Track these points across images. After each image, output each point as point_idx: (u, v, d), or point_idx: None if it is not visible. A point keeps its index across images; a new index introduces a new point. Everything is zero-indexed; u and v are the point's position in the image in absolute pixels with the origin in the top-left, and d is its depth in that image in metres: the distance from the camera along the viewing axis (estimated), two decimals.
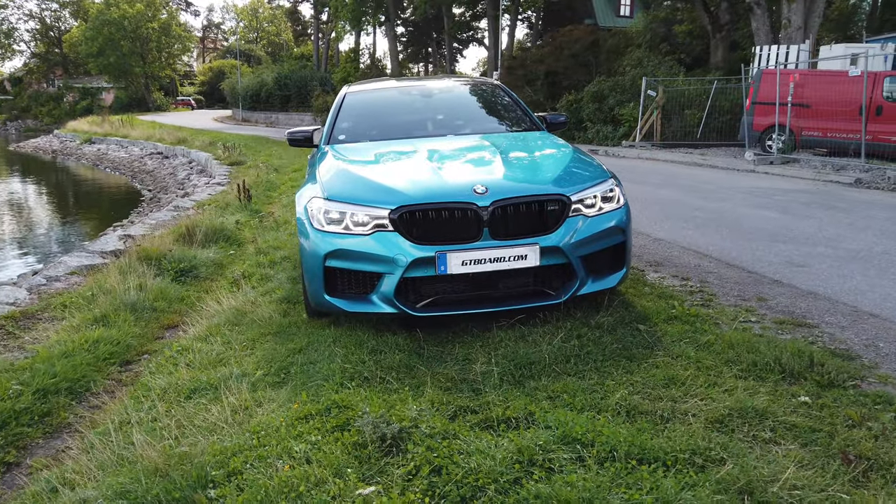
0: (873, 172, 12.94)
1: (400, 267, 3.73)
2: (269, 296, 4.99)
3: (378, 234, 3.78)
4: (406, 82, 6.42)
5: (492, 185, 3.84)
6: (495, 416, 2.74)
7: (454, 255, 3.70)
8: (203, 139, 27.22)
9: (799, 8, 22.03)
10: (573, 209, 3.89)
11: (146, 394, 3.39)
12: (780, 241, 6.34)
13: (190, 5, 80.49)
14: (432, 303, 3.86)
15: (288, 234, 7.41)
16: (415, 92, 6.02)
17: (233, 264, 6.32)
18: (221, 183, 13.32)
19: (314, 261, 3.94)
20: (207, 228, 7.11)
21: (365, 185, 4.06)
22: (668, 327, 3.83)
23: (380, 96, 6.00)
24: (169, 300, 5.08)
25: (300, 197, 4.30)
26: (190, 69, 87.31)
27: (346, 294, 3.95)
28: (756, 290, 4.70)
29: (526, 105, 5.79)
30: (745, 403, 2.75)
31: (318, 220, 3.95)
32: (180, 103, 71.67)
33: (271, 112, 47.13)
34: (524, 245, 3.75)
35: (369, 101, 5.85)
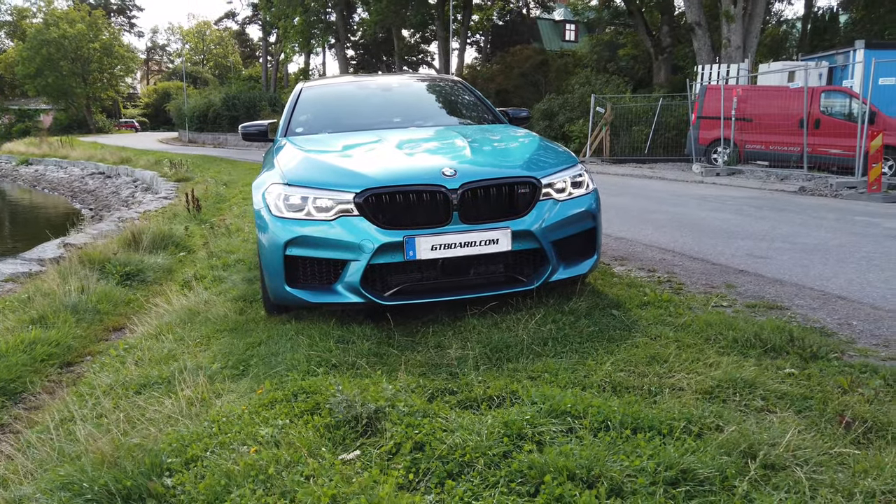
0: (816, 181, 13.36)
1: (366, 253, 3.54)
2: (224, 295, 4.72)
3: (342, 220, 3.59)
4: (364, 77, 6.26)
5: (461, 168, 3.70)
6: (476, 395, 2.57)
7: (423, 240, 3.54)
8: (148, 158, 26.46)
9: (738, 28, 22.86)
10: (543, 193, 3.79)
11: (90, 391, 3.10)
12: (738, 238, 6.39)
13: (134, 26, 78.88)
14: (401, 291, 3.68)
15: (241, 239, 7.12)
16: (374, 86, 5.87)
17: (183, 269, 6.00)
18: (168, 197, 12.85)
19: (274, 250, 3.71)
20: (155, 235, 6.76)
21: (328, 169, 3.87)
22: (642, 312, 3.73)
23: (338, 90, 5.82)
24: (114, 303, 4.75)
25: (257, 186, 4.08)
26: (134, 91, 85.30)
27: (309, 284, 3.74)
28: (723, 279, 4.67)
29: (488, 100, 5.71)
30: (733, 375, 2.65)
31: (278, 206, 3.74)
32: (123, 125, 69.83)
33: (219, 133, 46.27)
34: (495, 229, 3.62)
35: (327, 95, 5.67)
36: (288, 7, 40.03)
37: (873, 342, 3.26)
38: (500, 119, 5.35)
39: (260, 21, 56.24)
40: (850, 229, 6.93)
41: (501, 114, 5.44)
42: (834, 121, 15.80)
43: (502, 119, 5.36)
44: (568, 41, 47.87)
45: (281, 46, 50.22)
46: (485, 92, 28.58)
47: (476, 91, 5.83)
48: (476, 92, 5.81)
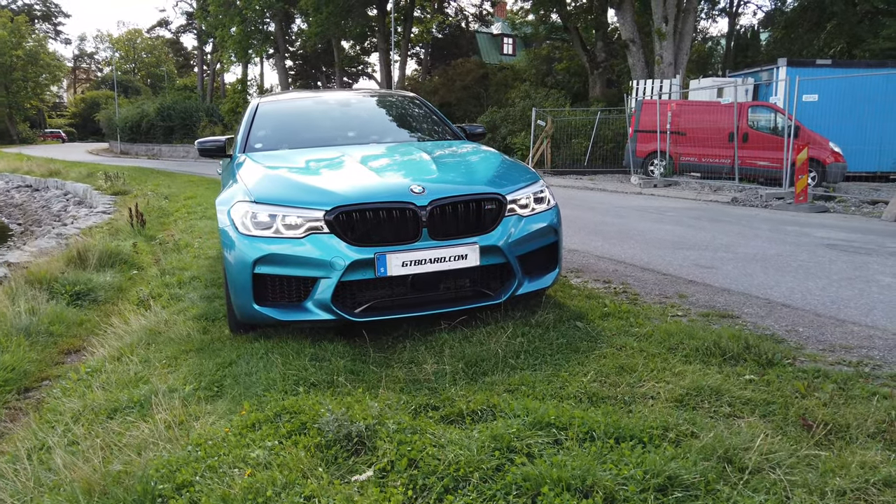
0: (747, 192, 14.03)
1: (337, 270, 3.56)
2: (184, 314, 4.63)
3: (312, 237, 3.61)
4: (320, 93, 6.26)
5: (428, 185, 3.77)
6: (458, 410, 2.64)
7: (394, 256, 3.59)
8: (79, 170, 25.52)
9: (669, 46, 23.77)
10: (508, 209, 3.89)
11: (57, 418, 3.01)
12: (683, 248, 6.66)
13: (60, 33, 75.80)
14: (372, 307, 3.71)
15: (192, 255, 6.98)
16: (332, 102, 5.88)
17: (135, 287, 5.85)
18: (107, 211, 12.44)
19: (241, 268, 3.69)
20: (101, 252, 6.56)
21: (296, 186, 3.87)
22: (604, 323, 3.87)
23: (295, 105, 5.81)
24: (66, 324, 4.60)
25: (222, 203, 4.05)
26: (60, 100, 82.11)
27: (278, 302, 3.73)
28: (675, 289, 4.88)
29: (444, 116, 5.80)
30: (699, 383, 2.80)
31: (245, 224, 3.72)
32: (49, 135, 67.10)
33: (153, 144, 44.99)
34: (464, 245, 3.70)
35: (284, 111, 5.65)
36: (225, 16, 39.38)
37: (820, 348, 3.48)
38: (458, 135, 5.45)
39: (195, 30, 55.10)
40: (784, 238, 7.33)
41: (458, 129, 5.55)
42: (761, 135, 16.63)
43: (460, 135, 5.46)
44: (506, 54, 48.73)
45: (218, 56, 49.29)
46: None
47: (432, 107, 5.92)
48: (432, 108, 5.90)
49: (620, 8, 24.73)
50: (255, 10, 39.15)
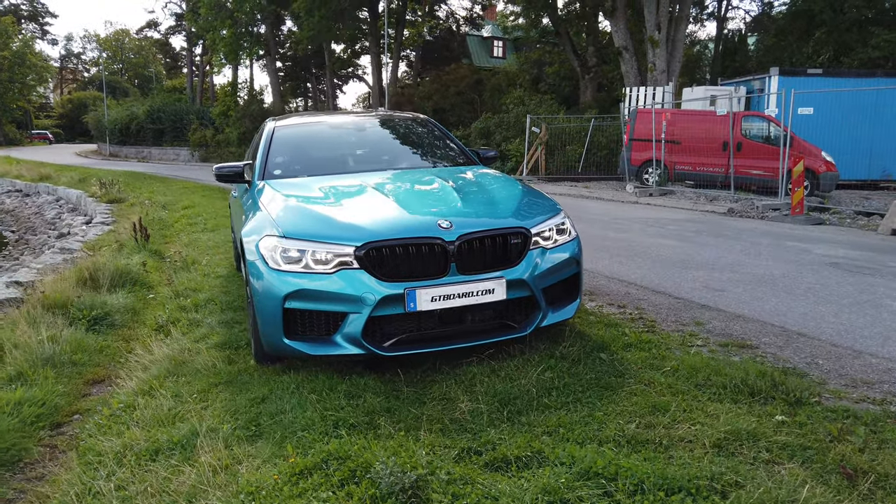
0: (742, 202, 14.19)
1: (368, 306, 3.61)
2: (205, 342, 4.65)
3: (342, 273, 3.65)
4: (336, 117, 6.30)
5: (455, 220, 3.82)
6: (502, 455, 2.69)
7: (424, 292, 3.64)
8: (70, 175, 25.33)
9: (662, 53, 23.97)
10: (533, 242, 3.95)
11: (98, 459, 3.03)
12: (690, 268, 6.75)
13: (46, 33, 75.11)
14: (400, 341, 3.76)
15: (202, 274, 6.99)
16: (347, 126, 5.92)
17: (149, 310, 5.85)
18: (106, 222, 12.38)
19: (271, 303, 3.73)
20: (113, 272, 6.55)
21: (324, 221, 3.91)
22: (628, 355, 3.94)
23: (311, 130, 5.85)
24: (88, 352, 4.60)
25: (248, 234, 4.08)
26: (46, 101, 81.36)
27: (308, 336, 3.77)
28: (690, 315, 4.96)
29: (457, 140, 5.86)
30: (735, 426, 2.87)
31: (275, 259, 3.76)
32: (36, 137, 66.55)
33: (143, 146, 44.76)
34: (491, 279, 3.76)
35: (301, 136, 5.69)
36: (216, 19, 39.21)
37: (842, 383, 3.57)
38: (472, 160, 5.51)
39: (185, 31, 54.81)
40: (787, 256, 7.44)
41: (472, 153, 5.60)
42: (754, 144, 16.82)
43: (473, 159, 5.52)
44: (496, 57, 48.89)
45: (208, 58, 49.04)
46: (422, 110, 28.84)
47: (444, 130, 5.97)
48: (445, 131, 5.95)
49: (613, 16, 24.91)
50: (246, 13, 39.02)
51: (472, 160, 5.50)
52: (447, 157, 5.54)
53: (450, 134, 5.93)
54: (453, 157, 5.54)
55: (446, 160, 5.49)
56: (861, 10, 26.07)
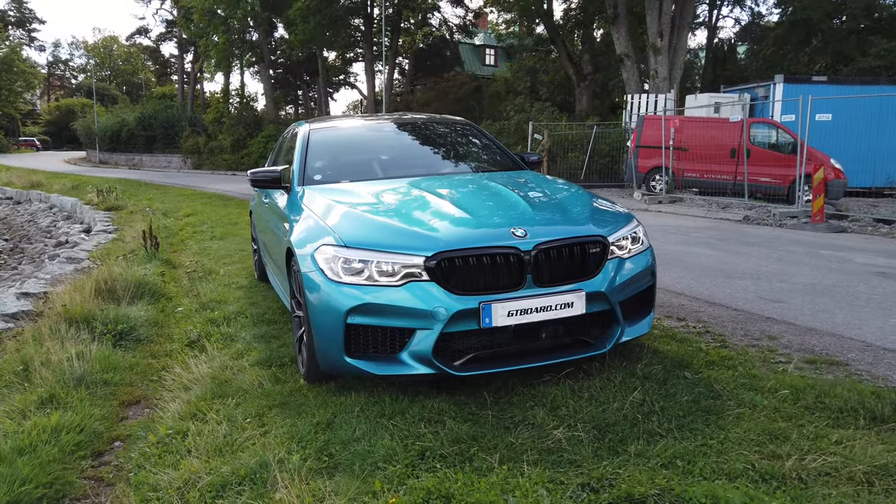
0: (757, 210, 13.99)
1: (439, 321, 3.30)
2: (245, 359, 4.32)
3: (411, 285, 3.35)
4: (371, 119, 6.00)
5: (530, 228, 3.53)
6: (625, 494, 2.39)
7: (500, 306, 3.34)
8: (63, 182, 24.85)
9: (664, 60, 23.88)
10: (610, 251, 3.67)
11: (156, 494, 2.70)
12: (734, 277, 6.50)
13: (34, 39, 74.25)
14: (473, 360, 3.45)
15: (223, 285, 6.64)
16: (387, 129, 5.62)
17: (173, 323, 5.50)
18: (108, 230, 11.97)
19: (332, 318, 3.41)
20: (129, 281, 6.20)
21: (387, 229, 3.60)
22: (713, 373, 3.66)
23: (349, 133, 5.54)
24: (119, 370, 4.25)
25: (300, 244, 3.76)
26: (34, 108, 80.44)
27: (371, 354, 3.45)
28: (758, 328, 4.68)
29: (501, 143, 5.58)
30: (883, 459, 2.57)
31: (334, 270, 3.45)
32: (23, 144, 65.66)
33: (134, 154, 44.17)
34: (570, 291, 3.46)
35: (339, 139, 5.38)
36: (209, 25, 38.82)
37: None
38: (519, 164, 5.22)
39: (176, 38, 54.30)
40: (829, 265, 7.20)
41: (517, 157, 5.32)
42: (762, 151, 16.69)
43: (520, 163, 5.23)
44: (488, 65, 48.82)
45: (199, 65, 48.55)
46: None
47: (487, 133, 5.68)
48: (487, 134, 5.66)
49: (615, 23, 24.80)
50: (239, 19, 38.66)
51: (518, 164, 5.22)
52: (493, 160, 5.25)
53: (492, 137, 5.65)
54: (499, 160, 5.25)
55: (493, 164, 5.20)
56: (859, 18, 26.13)
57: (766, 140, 17.25)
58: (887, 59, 24.56)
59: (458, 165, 5.13)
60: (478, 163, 5.25)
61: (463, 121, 5.87)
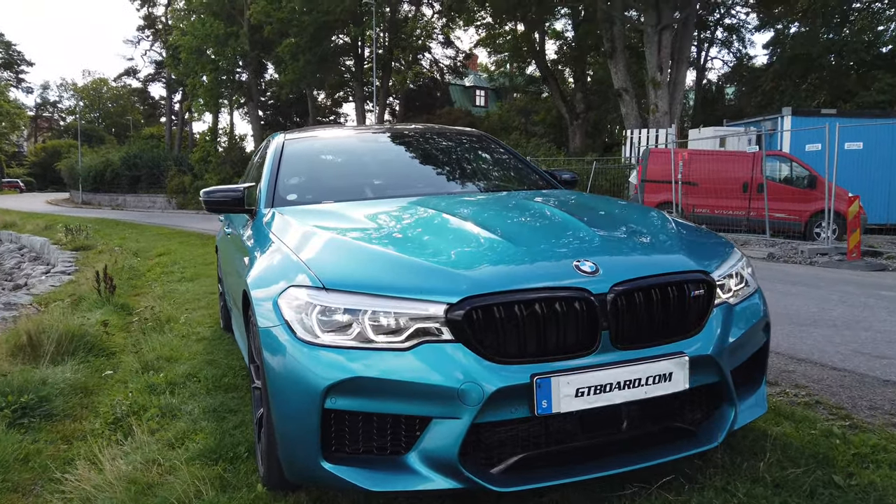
0: (781, 247, 12.91)
1: (470, 406, 2.10)
2: (184, 448, 3.08)
3: (425, 349, 2.15)
4: (364, 130, 4.84)
5: (601, 260, 2.35)
6: None
7: (564, 381, 2.14)
8: (37, 222, 23.57)
9: (664, 94, 23.18)
10: (716, 295, 2.49)
11: None
12: (806, 325, 5.33)
13: (22, 81, 73.44)
14: (520, 465, 2.23)
15: (180, 336, 5.40)
16: (383, 140, 4.45)
17: (107, 389, 4.23)
18: (67, 271, 10.70)
19: (302, 400, 2.20)
20: (61, 334, 4.94)
21: (389, 263, 2.41)
22: (876, 476, 2.44)
23: (336, 144, 4.36)
24: (3, 466, 2.99)
25: (257, 285, 2.56)
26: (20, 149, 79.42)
27: (363, 458, 2.23)
28: (882, 396, 3.49)
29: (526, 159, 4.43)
30: None
31: (307, 325, 2.24)
32: (6, 185, 64.48)
33: (117, 194, 43.03)
34: (667, 356, 2.27)
35: (321, 150, 4.19)
36: (196, 65, 38.11)
37: None
38: (553, 183, 4.07)
39: (164, 79, 53.65)
40: None
41: (548, 176, 4.17)
42: (777, 185, 15.74)
43: (554, 183, 4.08)
44: (479, 106, 48.48)
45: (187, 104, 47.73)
46: None
47: (510, 148, 4.54)
48: (510, 149, 4.52)
49: (613, 57, 24.14)
50: (227, 59, 37.99)
51: (552, 183, 4.06)
52: (522, 178, 4.09)
53: (516, 153, 4.50)
54: (529, 179, 4.08)
55: (521, 183, 4.03)
56: (860, 53, 25.66)
57: (780, 174, 16.33)
58: (891, 93, 23.95)
59: (478, 184, 3.96)
60: (502, 182, 4.08)
61: (479, 133, 4.71)
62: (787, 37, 29.91)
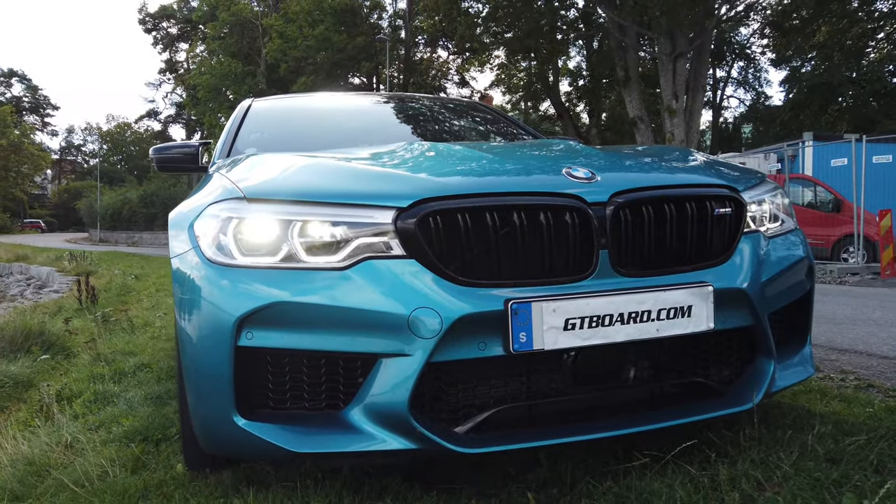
0: None
1: (424, 339, 1.59)
2: (106, 430, 2.58)
3: (367, 266, 1.65)
4: (338, 94, 4.39)
5: (600, 171, 1.86)
6: None
7: (548, 308, 1.63)
8: (48, 254, 23.46)
9: (680, 122, 22.78)
10: (745, 221, 1.97)
11: None
12: (845, 324, 4.74)
13: (48, 125, 75.16)
14: (494, 421, 1.71)
15: (149, 336, 4.93)
16: (359, 103, 4.00)
17: (51, 380, 3.76)
18: (59, 290, 10.37)
19: (212, 336, 1.70)
20: (14, 331, 4.51)
21: (329, 171, 1.94)
22: None
23: (306, 104, 3.92)
24: None
25: (175, 216, 2.08)
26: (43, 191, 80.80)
27: (288, 410, 1.72)
28: None
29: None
30: None
31: (223, 244, 1.75)
32: (28, 225, 65.25)
33: (134, 231, 43.21)
34: (684, 285, 1.75)
35: (291, 109, 3.76)
36: (214, 102, 38.58)
37: None
38: None
39: (184, 120, 54.49)
40: None
41: None
42: (801, 210, 15.15)
43: None
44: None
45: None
46: None
47: (506, 115, 4.08)
48: (507, 116, 4.06)
49: (627, 86, 23.87)
50: (242, 96, 38.43)
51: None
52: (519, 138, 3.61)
53: (513, 118, 4.05)
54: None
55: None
56: (883, 80, 25.19)
57: (803, 198, 15.77)
58: None
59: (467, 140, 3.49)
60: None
61: (469, 101, 4.27)
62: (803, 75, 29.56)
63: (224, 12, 37.51)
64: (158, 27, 53.59)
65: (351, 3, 32.33)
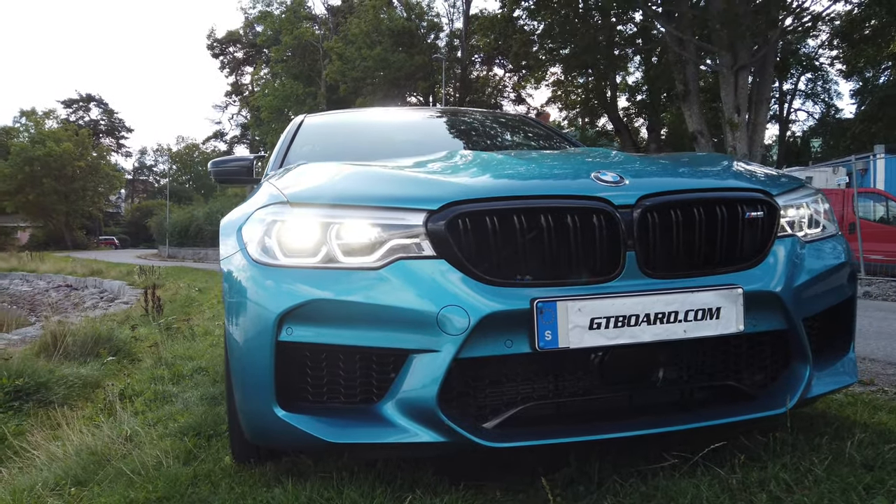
0: (878, 286, 11.74)
1: (452, 336, 1.66)
2: (163, 426, 2.73)
3: (400, 266, 1.73)
4: (395, 109, 4.54)
5: (629, 173, 1.90)
6: None
7: (574, 307, 1.67)
8: (120, 269, 24.61)
9: (743, 136, 22.23)
10: (780, 225, 1.97)
11: None
12: (884, 338, 4.57)
13: (122, 146, 79.04)
14: (519, 419, 1.76)
15: (209, 344, 5.14)
16: (417, 118, 4.12)
17: (114, 380, 3.99)
18: (129, 302, 10.88)
19: (255, 332, 1.81)
20: (85, 336, 4.79)
21: (370, 178, 2.04)
22: None
23: (358, 119, 4.09)
24: None
25: (229, 224, 2.22)
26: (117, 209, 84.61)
27: (326, 404, 1.81)
28: None
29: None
30: None
31: (267, 246, 1.87)
32: (103, 242, 68.42)
33: (200, 248, 44.76)
34: (713, 288, 1.77)
35: (342, 124, 3.92)
36: (276, 122, 39.82)
37: None
38: None
39: (248, 140, 56.36)
40: None
41: None
42: (872, 224, 14.57)
43: None
44: None
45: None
46: None
47: (556, 129, 4.13)
48: (556, 129, 4.11)
49: (686, 100, 23.47)
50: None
51: None
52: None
53: (562, 132, 4.09)
54: None
55: None
56: None
57: (874, 213, 15.17)
58: None
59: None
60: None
61: (520, 115, 4.33)
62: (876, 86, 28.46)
63: (287, 36, 38.76)
64: (225, 52, 55.77)
65: (408, 25, 32.97)
